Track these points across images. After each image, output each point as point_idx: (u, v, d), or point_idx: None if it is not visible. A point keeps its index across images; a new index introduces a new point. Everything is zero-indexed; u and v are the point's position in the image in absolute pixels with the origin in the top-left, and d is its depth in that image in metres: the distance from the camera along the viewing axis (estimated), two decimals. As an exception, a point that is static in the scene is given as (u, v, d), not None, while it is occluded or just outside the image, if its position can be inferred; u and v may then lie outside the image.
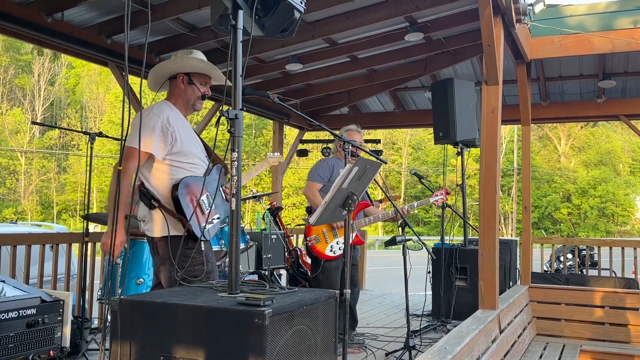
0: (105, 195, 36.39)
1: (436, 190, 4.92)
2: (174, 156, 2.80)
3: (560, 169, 44.29)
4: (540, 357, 4.66)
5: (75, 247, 4.87)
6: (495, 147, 4.17)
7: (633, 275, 6.82)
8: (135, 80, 7.44)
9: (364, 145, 5.67)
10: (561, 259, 10.50)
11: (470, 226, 6.13)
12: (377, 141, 8.91)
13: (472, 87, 5.85)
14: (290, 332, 1.86)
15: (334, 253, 4.39)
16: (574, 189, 41.84)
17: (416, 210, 6.36)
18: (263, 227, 6.14)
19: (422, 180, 5.50)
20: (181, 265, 2.65)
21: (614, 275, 7.14)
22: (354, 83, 7.07)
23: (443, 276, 5.66)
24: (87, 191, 4.33)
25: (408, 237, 3.96)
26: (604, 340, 5.24)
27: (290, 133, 16.33)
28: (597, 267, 7.37)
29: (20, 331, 3.02)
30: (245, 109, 6.32)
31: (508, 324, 4.34)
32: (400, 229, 4.02)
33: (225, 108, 2.08)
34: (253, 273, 5.09)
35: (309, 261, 4.85)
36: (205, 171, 2.89)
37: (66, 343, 3.31)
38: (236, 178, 2.06)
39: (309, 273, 5.06)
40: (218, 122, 2.21)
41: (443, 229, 5.68)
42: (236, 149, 2.07)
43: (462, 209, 5.94)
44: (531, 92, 6.38)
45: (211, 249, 2.93)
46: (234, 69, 2.10)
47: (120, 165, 2.42)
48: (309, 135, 9.05)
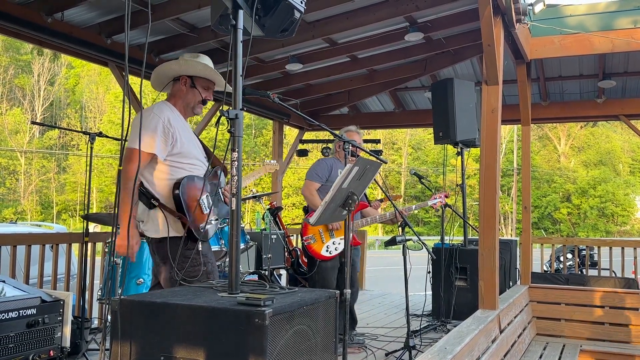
0: (105, 195, 36.40)
1: (435, 194, 4.92)
2: (174, 157, 2.80)
3: (560, 169, 44.31)
4: (540, 357, 4.66)
5: (75, 247, 4.87)
6: (495, 147, 4.18)
7: (633, 275, 6.83)
8: (135, 80, 7.44)
9: (363, 145, 5.68)
10: (561, 259, 10.50)
11: (470, 226, 6.13)
12: (377, 141, 8.91)
13: (472, 87, 5.85)
14: (290, 332, 1.85)
15: (330, 253, 4.40)
16: (574, 189, 41.85)
17: (415, 211, 6.38)
18: (263, 227, 6.14)
19: (422, 180, 5.50)
20: (180, 266, 2.65)
21: (613, 275, 7.14)
22: (354, 83, 7.06)
23: (443, 276, 5.66)
24: (87, 191, 4.34)
25: (408, 237, 3.96)
26: (604, 340, 5.24)
27: (290, 133, 16.34)
28: (597, 267, 7.38)
29: (20, 331, 3.02)
30: (246, 109, 6.32)
31: (508, 324, 4.34)
32: (400, 229, 4.02)
33: (225, 108, 2.08)
34: (253, 273, 5.09)
35: (309, 261, 4.85)
36: (205, 172, 2.89)
37: (66, 343, 3.31)
38: (236, 178, 2.06)
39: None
40: (218, 122, 2.21)
41: (443, 229, 5.68)
42: (236, 149, 2.07)
43: (462, 209, 5.94)
44: (531, 92, 6.39)
45: (210, 250, 2.93)
46: (234, 69, 2.10)
47: (120, 166, 2.42)
48: (308, 135, 9.05)
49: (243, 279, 4.39)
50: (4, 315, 2.93)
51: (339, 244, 4.44)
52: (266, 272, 5.42)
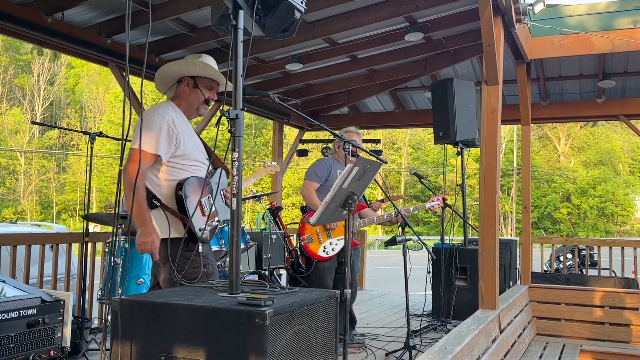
0: (105, 195, 36.39)
1: (433, 196, 4.93)
2: (177, 159, 2.78)
3: (559, 169, 44.32)
4: (540, 357, 4.67)
5: (75, 247, 4.87)
6: (495, 147, 4.18)
7: (633, 275, 6.83)
8: (135, 80, 7.44)
9: (363, 146, 5.69)
10: (561, 258, 10.50)
11: (470, 226, 6.13)
12: (377, 141, 8.91)
13: (472, 87, 5.85)
14: (291, 332, 1.86)
15: (327, 254, 4.40)
16: (574, 189, 41.86)
17: (413, 212, 6.37)
18: (263, 227, 6.13)
19: (422, 180, 5.50)
20: (180, 267, 2.64)
21: (613, 275, 7.14)
22: (354, 83, 7.07)
23: (443, 276, 5.67)
24: (87, 191, 4.34)
25: (408, 237, 3.96)
26: (604, 340, 5.24)
27: (290, 133, 16.32)
28: (597, 267, 7.38)
29: (20, 331, 3.02)
30: (246, 109, 6.32)
31: (508, 324, 4.34)
32: (400, 229, 4.03)
33: (225, 108, 2.07)
34: (253, 273, 5.09)
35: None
36: (207, 173, 2.88)
37: (67, 343, 3.32)
38: (237, 178, 2.06)
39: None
40: (219, 122, 2.21)
41: (443, 229, 5.68)
42: (237, 149, 2.07)
43: (462, 209, 5.94)
44: (531, 92, 6.39)
45: (211, 252, 2.91)
46: (234, 69, 2.10)
47: (121, 166, 2.40)
48: (308, 135, 9.05)
49: (243, 279, 4.39)
50: (4, 316, 2.94)
51: (336, 244, 4.44)
52: (266, 272, 5.42)
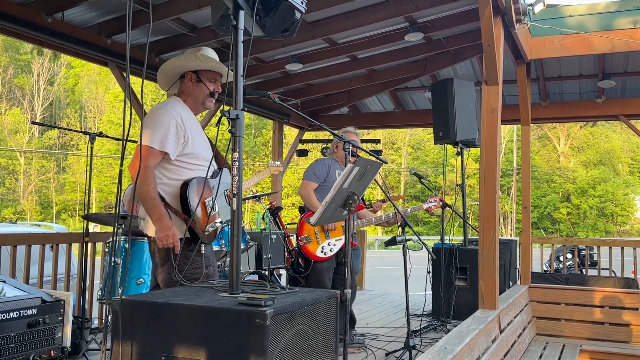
0: (104, 195, 36.39)
1: (430, 197, 4.94)
2: (184, 157, 2.75)
3: (559, 169, 44.33)
4: (540, 357, 4.67)
5: (75, 247, 4.87)
6: (495, 147, 4.18)
7: (633, 275, 6.83)
8: (135, 81, 7.44)
9: (362, 146, 5.69)
10: (561, 258, 10.50)
11: (470, 226, 6.13)
12: (377, 141, 8.91)
13: (472, 87, 5.85)
14: (291, 332, 1.86)
15: (325, 254, 4.39)
16: (573, 189, 41.87)
17: (417, 211, 6.39)
18: (263, 227, 6.13)
19: (422, 180, 5.51)
20: (181, 267, 2.63)
21: (613, 275, 7.15)
22: (353, 83, 7.07)
23: (443, 276, 5.67)
24: (87, 191, 4.34)
25: (408, 237, 3.96)
26: (604, 340, 5.25)
27: (290, 133, 16.33)
28: (597, 267, 7.38)
29: (21, 331, 3.02)
30: (246, 109, 6.32)
31: (508, 324, 4.34)
32: (400, 229, 4.03)
33: (226, 108, 2.07)
34: (253, 273, 5.08)
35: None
36: (212, 173, 2.83)
37: (67, 343, 3.32)
38: (237, 178, 2.06)
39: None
40: (219, 122, 2.21)
41: (443, 229, 5.68)
42: (237, 149, 2.07)
43: (462, 209, 5.94)
44: (531, 92, 6.39)
45: (212, 253, 2.89)
46: (235, 70, 2.10)
47: (122, 166, 2.38)
48: (308, 135, 9.05)
49: (243, 279, 4.39)
50: (4, 316, 2.94)
51: (334, 244, 4.43)
52: (266, 272, 5.42)
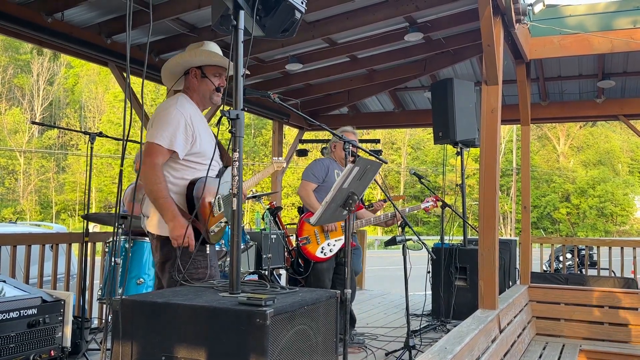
0: (104, 195, 36.38)
1: (427, 197, 4.97)
2: (192, 156, 2.71)
3: (559, 169, 44.34)
4: (540, 357, 4.67)
5: (75, 247, 4.87)
6: (495, 147, 4.18)
7: (632, 275, 6.84)
8: (135, 80, 7.44)
9: (361, 146, 5.71)
10: (560, 258, 10.50)
11: (469, 226, 6.14)
12: (377, 141, 8.91)
13: (472, 87, 5.86)
14: (291, 332, 1.86)
15: (325, 255, 4.40)
16: (573, 189, 41.88)
17: (415, 212, 6.41)
18: (263, 227, 6.13)
19: (422, 180, 5.51)
20: (184, 267, 2.61)
21: (613, 275, 7.15)
22: (353, 83, 7.07)
23: (443, 276, 5.67)
24: (87, 191, 4.34)
25: (408, 237, 3.97)
26: (604, 340, 5.25)
27: (290, 133, 16.32)
28: (597, 267, 7.39)
29: (21, 331, 3.02)
30: (246, 108, 6.31)
31: (508, 324, 4.35)
32: (400, 229, 4.03)
33: (226, 108, 2.07)
34: (253, 273, 5.09)
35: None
36: (218, 172, 2.79)
37: (67, 343, 3.32)
38: (237, 178, 2.06)
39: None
40: (219, 122, 2.21)
41: (443, 229, 5.68)
42: (237, 149, 2.07)
43: (462, 209, 5.95)
44: (530, 92, 6.39)
45: (215, 253, 2.86)
46: (235, 70, 2.10)
47: (122, 166, 2.36)
48: (308, 135, 9.05)
49: (243, 279, 4.39)
50: (5, 316, 2.94)
51: (334, 245, 4.44)
52: (266, 272, 5.42)
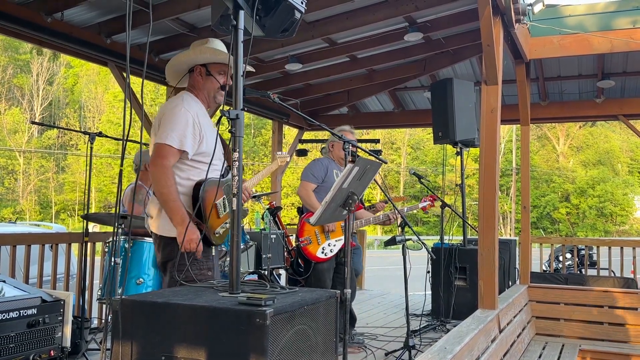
0: (104, 195, 36.37)
1: (424, 197, 4.99)
2: (198, 156, 2.68)
3: (558, 169, 44.34)
4: (540, 357, 4.67)
5: (74, 247, 4.87)
6: (495, 147, 4.18)
7: (632, 275, 6.84)
8: (135, 80, 7.44)
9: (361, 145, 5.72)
10: (560, 258, 10.50)
11: (469, 226, 6.14)
12: (377, 141, 8.90)
13: (472, 87, 5.86)
14: (291, 332, 1.86)
15: (325, 255, 4.40)
16: (573, 189, 41.89)
17: (414, 211, 6.42)
18: (262, 227, 6.13)
19: (422, 180, 5.51)
20: (184, 267, 2.60)
21: (612, 274, 7.15)
22: (353, 83, 7.07)
23: (443, 276, 5.67)
24: (87, 191, 4.34)
25: (408, 237, 3.97)
26: (603, 340, 5.25)
27: (289, 133, 16.32)
28: (596, 267, 7.40)
29: (21, 331, 3.02)
30: (246, 108, 6.31)
31: (507, 324, 4.35)
32: (400, 229, 4.03)
33: (226, 108, 2.07)
34: (253, 273, 5.09)
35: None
36: (222, 172, 2.75)
37: (67, 343, 3.32)
38: (237, 178, 2.06)
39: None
40: (219, 122, 2.21)
41: (442, 229, 5.69)
42: (237, 149, 2.07)
43: (462, 209, 5.95)
44: (530, 92, 6.39)
45: (217, 254, 2.84)
46: (235, 69, 2.10)
47: (122, 166, 2.35)
48: (307, 135, 9.05)
49: (243, 278, 4.39)
50: (4, 315, 2.94)
51: (334, 245, 4.44)
52: (266, 272, 5.42)
